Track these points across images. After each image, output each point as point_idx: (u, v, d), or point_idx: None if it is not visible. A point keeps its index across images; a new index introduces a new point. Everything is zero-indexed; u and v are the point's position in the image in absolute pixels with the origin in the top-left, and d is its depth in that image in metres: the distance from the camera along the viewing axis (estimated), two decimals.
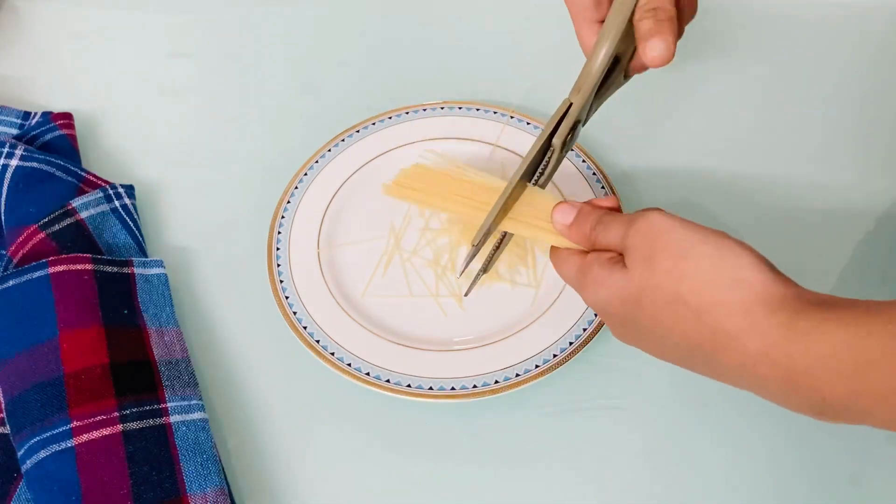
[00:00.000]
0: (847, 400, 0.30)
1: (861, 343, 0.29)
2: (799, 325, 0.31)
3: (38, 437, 0.43)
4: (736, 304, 0.32)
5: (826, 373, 0.30)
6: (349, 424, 0.49)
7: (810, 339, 0.30)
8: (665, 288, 0.35)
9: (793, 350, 0.31)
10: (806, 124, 0.63)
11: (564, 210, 0.41)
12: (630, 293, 0.36)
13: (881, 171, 0.60)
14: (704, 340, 0.34)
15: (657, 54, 0.39)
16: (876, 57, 0.69)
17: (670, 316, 0.35)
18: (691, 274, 0.34)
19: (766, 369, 0.32)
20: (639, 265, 0.36)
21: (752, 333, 0.32)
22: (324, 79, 0.68)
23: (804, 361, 0.30)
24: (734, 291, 0.33)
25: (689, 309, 0.34)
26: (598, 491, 0.46)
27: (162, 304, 0.51)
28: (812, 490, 0.45)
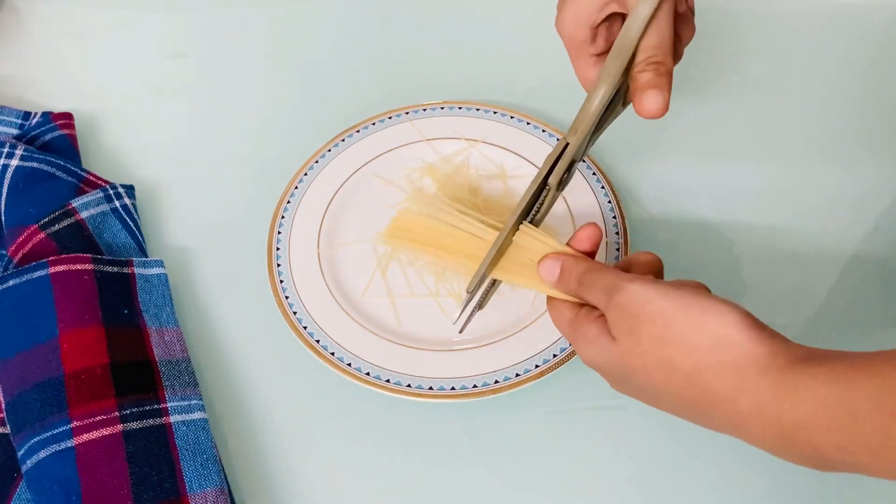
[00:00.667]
0: (840, 453, 0.30)
1: (848, 396, 0.30)
2: (787, 381, 0.31)
3: (39, 436, 0.43)
4: (725, 366, 0.33)
5: (817, 427, 0.30)
6: (349, 424, 0.49)
7: (799, 396, 0.31)
8: (653, 353, 0.35)
9: (783, 408, 0.31)
10: (807, 124, 0.63)
11: (548, 266, 0.42)
12: (618, 361, 0.37)
13: (882, 169, 0.60)
14: (697, 400, 0.34)
15: (654, 108, 0.41)
16: (877, 56, 0.69)
17: (662, 378, 0.35)
18: (678, 338, 0.34)
19: (759, 428, 0.32)
20: (624, 337, 0.36)
21: (742, 394, 0.32)
22: (324, 79, 0.68)
23: (795, 418, 0.31)
24: (722, 353, 0.33)
25: (678, 373, 0.34)
26: (599, 490, 0.46)
27: (162, 304, 0.51)
28: (812, 490, 0.45)
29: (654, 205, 0.58)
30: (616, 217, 0.54)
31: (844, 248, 0.56)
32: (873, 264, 0.55)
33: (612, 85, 0.43)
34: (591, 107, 0.43)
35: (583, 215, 0.55)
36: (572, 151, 0.44)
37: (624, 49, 0.42)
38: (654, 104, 0.41)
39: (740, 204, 0.58)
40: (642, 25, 0.42)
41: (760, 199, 0.58)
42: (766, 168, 0.60)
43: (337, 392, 0.49)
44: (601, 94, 0.43)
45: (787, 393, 0.31)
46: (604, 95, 0.43)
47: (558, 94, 0.65)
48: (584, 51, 0.46)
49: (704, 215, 0.58)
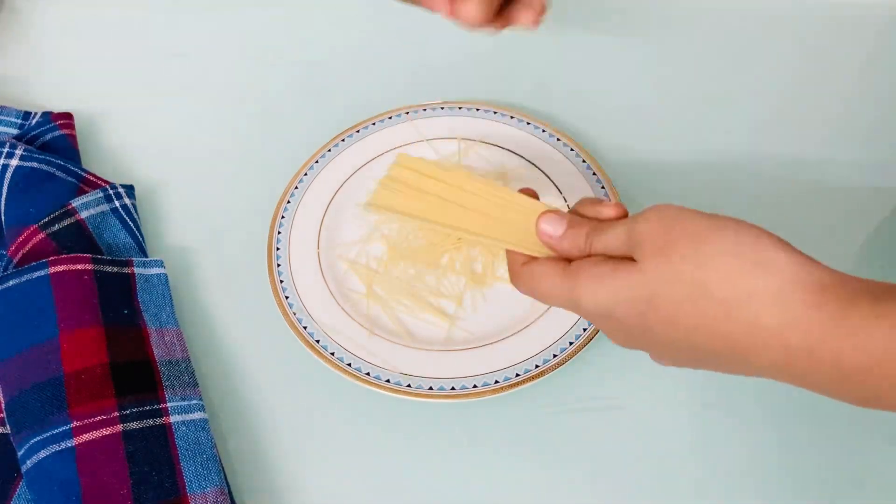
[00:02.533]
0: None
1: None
2: (849, 319, 0.28)
3: (39, 436, 0.43)
4: (769, 293, 0.29)
5: (883, 374, 0.27)
6: (349, 424, 0.49)
7: (864, 337, 0.28)
8: (685, 277, 0.31)
9: (843, 346, 0.28)
10: (808, 124, 0.63)
11: (552, 220, 0.36)
12: (641, 291, 0.32)
13: (883, 170, 0.60)
14: (735, 336, 0.30)
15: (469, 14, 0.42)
16: (877, 56, 0.69)
17: (693, 312, 0.31)
18: (714, 260, 0.30)
19: (810, 364, 0.29)
20: (651, 257, 0.31)
21: (792, 327, 0.29)
22: (324, 79, 0.68)
23: (858, 360, 0.28)
24: (763, 278, 0.29)
25: (715, 302, 0.30)
26: (598, 491, 0.46)
27: (162, 304, 0.51)
28: (815, 491, 0.45)
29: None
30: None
31: (846, 249, 0.56)
32: (875, 266, 0.55)
33: None
34: None
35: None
36: None
37: None
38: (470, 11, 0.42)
39: (740, 204, 0.58)
40: None
41: (761, 199, 0.58)
42: (766, 168, 0.60)
43: (337, 392, 0.49)
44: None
45: (848, 332, 0.28)
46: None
47: (558, 94, 0.66)
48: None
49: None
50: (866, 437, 0.47)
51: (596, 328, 0.49)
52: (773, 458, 0.47)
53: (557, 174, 0.58)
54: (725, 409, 0.48)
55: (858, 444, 0.47)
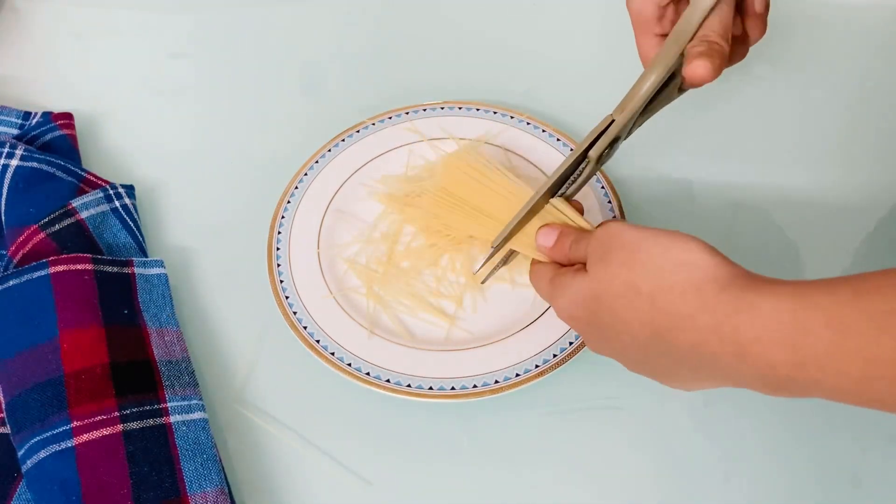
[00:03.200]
0: (793, 370, 0.31)
1: (803, 312, 0.30)
2: (746, 297, 0.32)
3: (39, 436, 0.43)
4: (687, 285, 0.34)
5: (771, 341, 0.31)
6: (349, 424, 0.49)
7: (756, 311, 0.31)
8: (620, 277, 0.36)
9: (740, 321, 0.32)
10: (808, 124, 0.63)
11: (547, 233, 0.44)
12: (589, 291, 0.38)
13: (884, 171, 0.60)
14: (660, 324, 0.35)
15: (702, 72, 0.41)
16: (878, 57, 0.69)
17: (626, 306, 0.36)
18: (643, 262, 0.36)
19: (717, 344, 0.33)
20: (595, 265, 0.38)
21: (702, 310, 0.33)
22: (324, 79, 0.68)
23: (751, 331, 0.31)
24: (684, 273, 0.34)
25: (642, 296, 0.35)
26: (598, 490, 0.46)
27: (162, 304, 0.51)
28: (812, 490, 0.45)
29: (654, 204, 0.58)
30: (615, 213, 0.54)
31: (846, 250, 0.56)
32: (875, 266, 0.55)
33: (665, 68, 0.43)
34: (641, 89, 0.43)
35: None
36: (617, 129, 0.44)
37: (682, 35, 0.43)
38: (702, 68, 0.41)
39: (740, 204, 0.58)
40: (703, 14, 0.42)
41: (760, 200, 0.58)
42: (766, 168, 0.60)
43: (337, 392, 0.49)
44: (654, 76, 0.43)
45: (745, 307, 0.32)
46: (655, 78, 0.43)
47: (558, 94, 0.66)
48: (649, 28, 0.47)
49: (704, 215, 0.58)
50: (864, 436, 0.47)
51: None
52: (772, 456, 0.47)
53: None
54: (725, 409, 0.48)
55: (857, 442, 0.47)
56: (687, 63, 0.42)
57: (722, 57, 0.42)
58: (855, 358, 0.29)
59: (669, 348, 0.35)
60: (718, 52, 0.42)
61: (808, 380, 0.31)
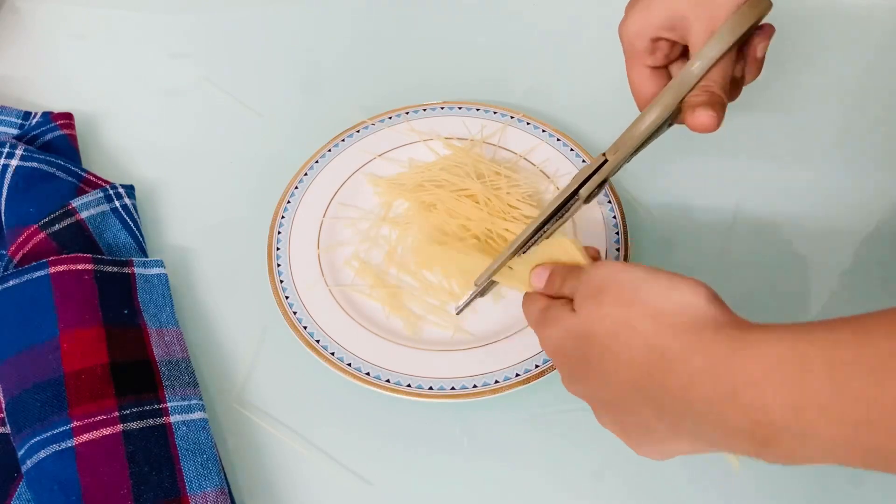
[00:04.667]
0: (789, 415, 0.29)
1: (802, 351, 0.29)
2: (743, 337, 0.31)
3: (39, 436, 0.43)
4: (684, 326, 0.33)
5: (769, 383, 0.30)
6: (349, 424, 0.49)
7: (752, 352, 0.31)
8: (612, 316, 0.36)
9: (736, 363, 0.31)
10: (808, 124, 0.63)
11: (539, 274, 0.43)
12: (579, 329, 0.37)
13: (884, 171, 0.60)
14: (652, 364, 0.34)
15: (706, 120, 0.42)
16: (879, 57, 0.69)
17: (620, 344, 0.35)
18: (642, 301, 0.35)
19: (710, 386, 0.32)
20: (585, 304, 0.38)
21: (698, 351, 0.32)
22: (324, 79, 0.68)
23: (747, 373, 0.30)
24: (683, 316, 0.34)
25: (637, 335, 0.34)
26: (599, 490, 0.46)
27: (162, 304, 0.51)
28: (812, 490, 0.45)
29: (653, 206, 0.58)
30: (616, 218, 0.54)
31: (846, 250, 0.56)
32: (875, 266, 0.55)
33: (662, 115, 0.44)
34: (637, 131, 0.44)
35: (582, 217, 0.55)
36: (609, 169, 0.45)
37: (684, 84, 0.43)
38: (705, 117, 0.42)
39: (740, 205, 0.58)
40: (707, 66, 0.43)
41: (760, 200, 0.58)
42: (766, 168, 0.60)
43: (337, 392, 0.49)
44: (650, 120, 0.44)
45: (741, 349, 0.31)
46: (652, 122, 0.44)
47: (558, 94, 0.66)
48: (641, 60, 0.47)
49: (704, 216, 0.58)
50: None
51: None
52: None
53: (556, 173, 0.58)
54: None
55: None
56: (691, 112, 0.42)
57: (723, 108, 0.43)
58: (857, 401, 0.28)
59: (658, 392, 0.34)
60: (720, 103, 0.43)
61: (803, 428, 0.29)
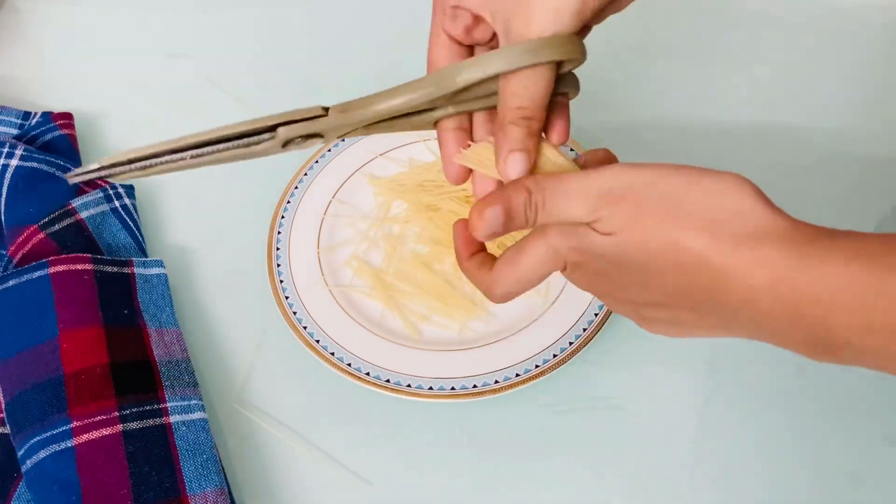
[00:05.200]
0: (856, 335, 0.28)
1: (880, 277, 0.28)
2: (811, 253, 0.29)
3: (38, 437, 0.43)
4: (743, 237, 0.30)
5: (837, 305, 0.28)
6: (349, 424, 0.49)
7: (821, 270, 0.29)
8: (660, 235, 0.31)
9: (801, 280, 0.29)
10: (808, 124, 0.63)
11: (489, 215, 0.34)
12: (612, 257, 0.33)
13: (884, 170, 0.60)
14: (706, 280, 0.31)
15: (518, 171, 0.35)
16: (878, 57, 0.69)
17: (667, 264, 0.32)
18: (693, 213, 0.31)
19: (770, 301, 0.30)
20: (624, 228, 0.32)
21: (759, 266, 0.30)
22: (324, 79, 0.68)
23: (813, 291, 0.29)
24: (740, 225, 0.30)
25: (689, 253, 0.31)
26: (599, 491, 0.46)
27: (162, 304, 0.51)
28: (812, 490, 0.45)
29: None
30: None
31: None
32: None
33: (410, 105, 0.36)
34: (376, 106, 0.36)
35: None
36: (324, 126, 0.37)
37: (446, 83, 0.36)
38: (520, 169, 0.35)
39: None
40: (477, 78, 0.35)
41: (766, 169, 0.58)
42: (766, 167, 0.60)
43: (337, 392, 0.49)
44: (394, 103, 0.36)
45: (808, 266, 0.29)
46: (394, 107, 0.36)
47: None
48: (440, 21, 0.40)
49: None
50: (864, 436, 0.47)
51: (596, 328, 0.49)
52: (772, 456, 0.46)
53: None
54: (725, 409, 0.48)
55: (856, 442, 0.47)
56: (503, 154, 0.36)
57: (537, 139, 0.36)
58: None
59: (714, 306, 0.32)
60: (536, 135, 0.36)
61: (865, 348, 0.28)
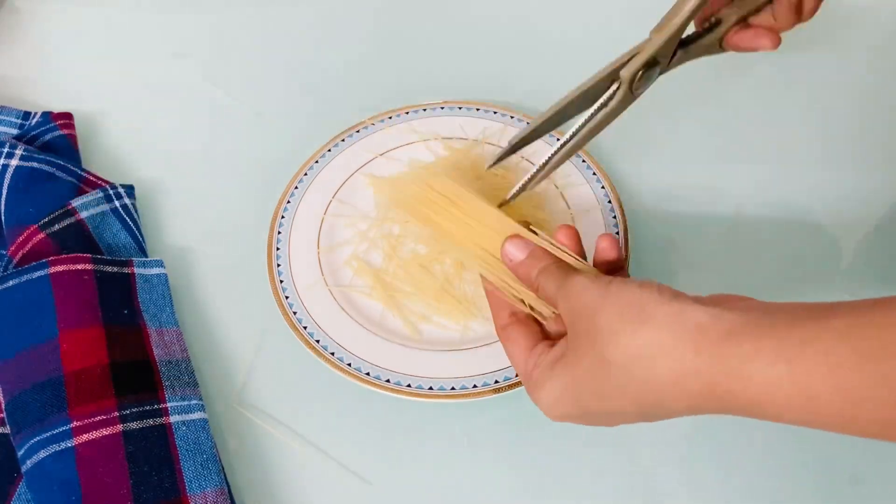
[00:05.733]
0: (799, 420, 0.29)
1: (804, 380, 0.28)
2: (730, 360, 0.30)
3: (38, 437, 0.43)
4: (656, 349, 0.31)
5: (774, 405, 0.29)
6: (349, 424, 0.49)
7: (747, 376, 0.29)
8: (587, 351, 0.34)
9: (734, 387, 0.30)
10: (808, 123, 0.63)
11: (517, 244, 0.40)
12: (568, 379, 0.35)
13: (883, 170, 0.60)
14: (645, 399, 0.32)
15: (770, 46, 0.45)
16: (878, 57, 0.69)
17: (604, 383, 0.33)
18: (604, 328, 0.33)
19: (719, 401, 0.31)
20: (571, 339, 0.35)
21: (687, 376, 0.31)
22: (324, 79, 0.68)
23: (749, 396, 0.29)
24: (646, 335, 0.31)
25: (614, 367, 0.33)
26: (598, 491, 0.46)
27: (162, 304, 0.51)
28: (812, 489, 0.45)
29: (652, 201, 0.58)
30: (616, 215, 0.54)
31: (845, 249, 0.56)
32: (873, 265, 0.55)
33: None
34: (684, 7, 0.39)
35: (581, 212, 0.55)
36: (653, 48, 0.39)
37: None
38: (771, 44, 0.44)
39: (740, 202, 0.58)
40: None
41: (761, 198, 0.58)
42: (766, 167, 0.60)
43: (337, 392, 0.49)
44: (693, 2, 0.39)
45: (733, 373, 0.29)
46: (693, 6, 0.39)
47: (558, 94, 0.66)
48: None
49: (703, 213, 0.58)
50: None
51: None
52: (771, 455, 0.46)
53: (557, 174, 0.57)
54: None
55: (856, 442, 0.46)
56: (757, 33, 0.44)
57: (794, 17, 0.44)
58: (869, 424, 0.29)
59: (667, 413, 0.33)
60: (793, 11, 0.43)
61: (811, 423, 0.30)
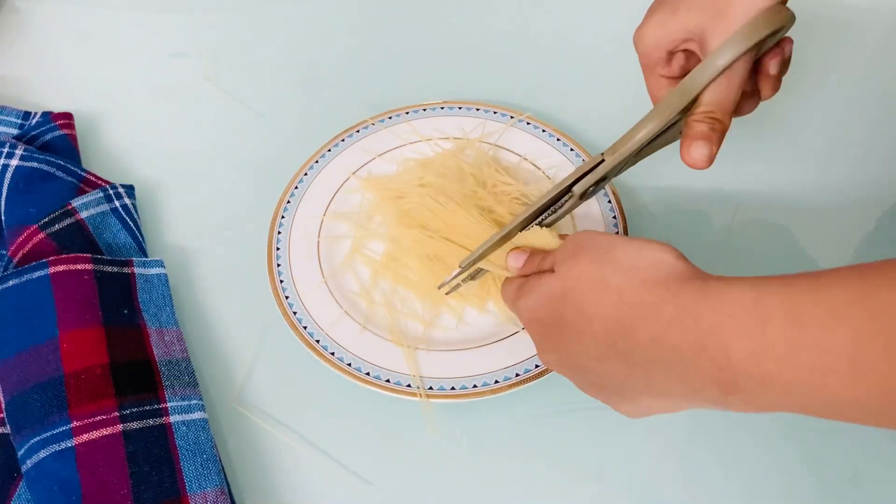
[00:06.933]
0: (750, 362, 0.30)
1: (762, 302, 0.30)
2: (709, 287, 0.33)
3: (39, 436, 0.43)
4: (655, 280, 0.35)
5: (730, 330, 0.31)
6: (349, 424, 0.49)
7: (715, 301, 0.32)
8: (589, 273, 0.37)
9: (702, 310, 0.32)
10: (808, 122, 0.63)
11: (516, 256, 0.45)
12: (556, 289, 0.39)
13: (883, 169, 0.60)
14: (623, 318, 0.35)
15: (699, 159, 0.42)
16: (878, 56, 0.69)
17: (593, 301, 0.36)
18: (616, 259, 0.37)
19: (678, 335, 0.33)
20: (564, 263, 0.39)
21: (667, 301, 0.34)
22: (324, 79, 0.68)
23: (711, 320, 0.32)
24: (654, 271, 0.35)
25: (611, 290, 0.36)
26: (598, 491, 0.46)
27: (162, 304, 0.51)
28: (812, 489, 0.45)
29: (652, 201, 0.58)
30: (616, 218, 0.54)
31: (845, 248, 0.56)
32: None
33: (663, 122, 0.43)
34: (636, 136, 0.44)
35: (581, 213, 0.55)
36: (605, 169, 0.44)
37: (687, 92, 0.42)
38: (700, 154, 0.42)
39: (740, 202, 0.58)
40: (712, 76, 0.42)
41: (761, 197, 0.58)
42: (766, 167, 0.60)
43: (337, 392, 0.49)
44: (649, 127, 0.43)
45: (707, 297, 0.32)
46: (651, 130, 0.43)
47: (558, 94, 0.66)
48: (657, 70, 0.47)
49: (703, 212, 0.58)
50: (864, 436, 0.47)
51: None
52: (771, 455, 0.47)
53: (557, 174, 0.58)
54: None
55: (856, 442, 0.47)
56: (686, 142, 0.42)
57: (722, 135, 0.43)
58: (811, 348, 0.29)
59: (629, 346, 0.35)
60: (719, 132, 0.42)
61: (763, 376, 0.30)
